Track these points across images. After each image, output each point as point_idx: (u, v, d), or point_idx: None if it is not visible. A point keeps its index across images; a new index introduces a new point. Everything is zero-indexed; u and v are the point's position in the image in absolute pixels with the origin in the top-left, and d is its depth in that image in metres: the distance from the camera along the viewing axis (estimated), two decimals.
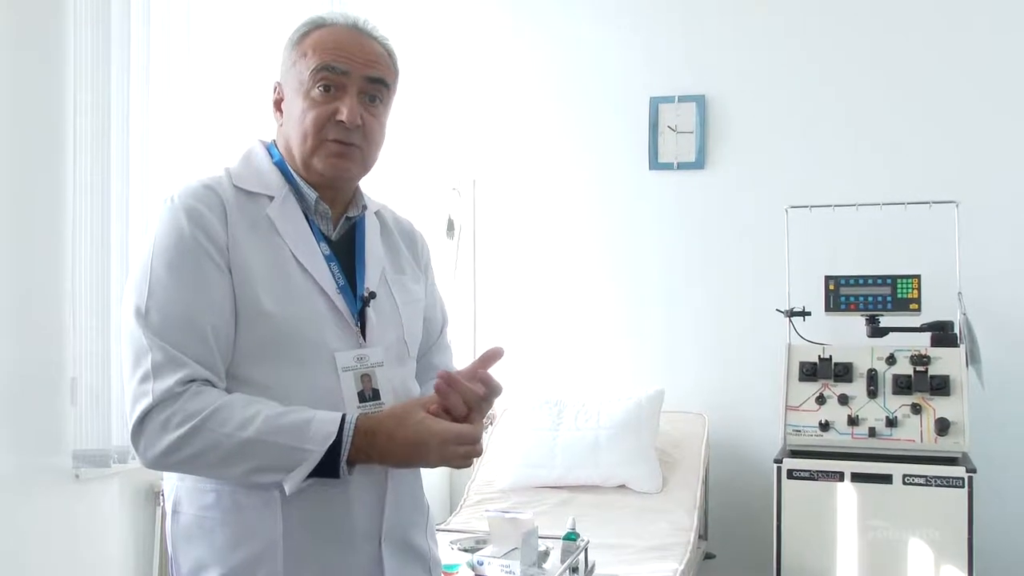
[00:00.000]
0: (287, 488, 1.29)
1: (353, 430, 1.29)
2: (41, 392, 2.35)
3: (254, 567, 1.34)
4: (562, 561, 2.57)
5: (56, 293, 2.38)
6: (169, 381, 1.28)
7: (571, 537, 2.64)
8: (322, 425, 1.29)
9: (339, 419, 1.30)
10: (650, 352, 3.93)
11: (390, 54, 1.50)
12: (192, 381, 1.30)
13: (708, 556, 3.52)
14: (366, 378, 1.40)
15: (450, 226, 4.02)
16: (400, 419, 1.32)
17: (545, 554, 2.57)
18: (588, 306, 4.03)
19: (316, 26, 1.46)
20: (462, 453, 1.32)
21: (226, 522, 1.35)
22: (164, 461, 1.30)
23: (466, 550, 2.70)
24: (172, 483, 1.42)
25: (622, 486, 3.48)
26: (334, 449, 1.28)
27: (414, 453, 1.31)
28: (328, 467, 1.29)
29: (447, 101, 4.16)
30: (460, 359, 1.71)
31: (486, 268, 4.11)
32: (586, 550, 2.68)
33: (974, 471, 2.92)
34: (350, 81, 1.41)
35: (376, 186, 1.63)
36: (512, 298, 4.09)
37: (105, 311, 2.44)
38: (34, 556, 2.31)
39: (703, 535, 3.53)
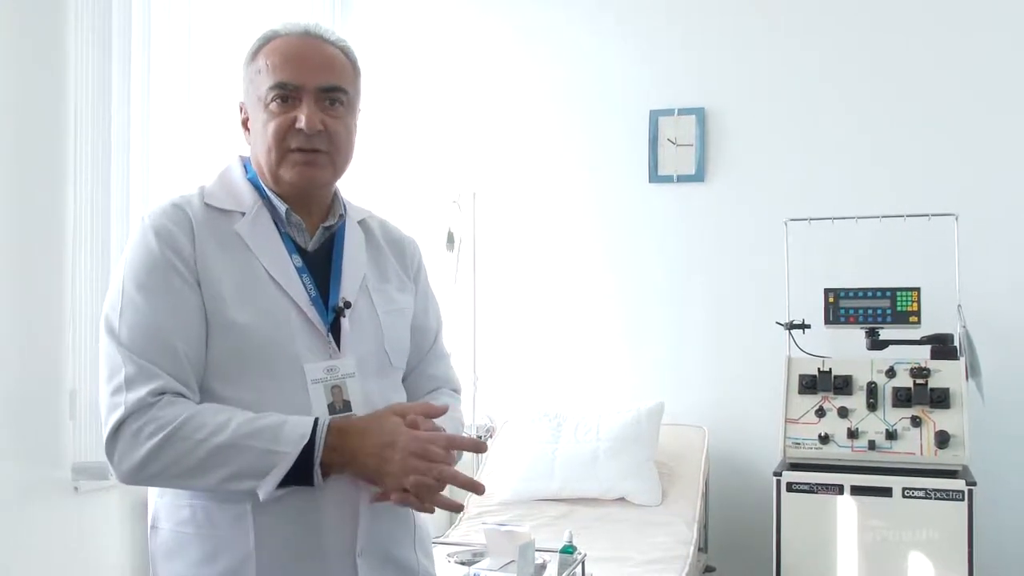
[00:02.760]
0: (261, 494, 1.29)
1: (326, 430, 1.30)
2: (40, 405, 2.36)
3: None
4: (559, 574, 2.57)
5: (55, 307, 2.39)
6: (141, 392, 1.30)
7: (568, 550, 2.63)
8: (295, 427, 1.30)
9: (312, 421, 1.31)
10: (650, 365, 3.93)
11: (346, 54, 1.50)
12: (163, 393, 1.31)
13: (708, 569, 3.51)
14: (336, 390, 1.40)
15: (450, 239, 4.03)
16: (372, 421, 1.33)
17: (542, 567, 2.57)
18: (588, 319, 4.03)
19: (267, 39, 1.47)
20: (423, 468, 1.30)
21: (200, 536, 1.36)
22: (139, 474, 1.31)
23: (463, 563, 2.70)
24: (153, 499, 1.44)
25: (621, 499, 3.48)
26: (307, 453, 1.28)
27: (381, 455, 1.30)
28: (302, 474, 1.29)
29: (447, 114, 4.17)
30: (460, 371, 1.72)
31: (486, 281, 4.11)
32: (583, 563, 2.68)
33: (974, 484, 2.91)
34: (304, 92, 1.42)
35: (376, 198, 1.64)
36: (512, 311, 4.10)
37: None
38: (33, 568, 2.32)
39: (703, 548, 3.52)
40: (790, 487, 3.07)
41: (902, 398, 3.12)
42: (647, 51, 4.00)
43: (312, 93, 1.42)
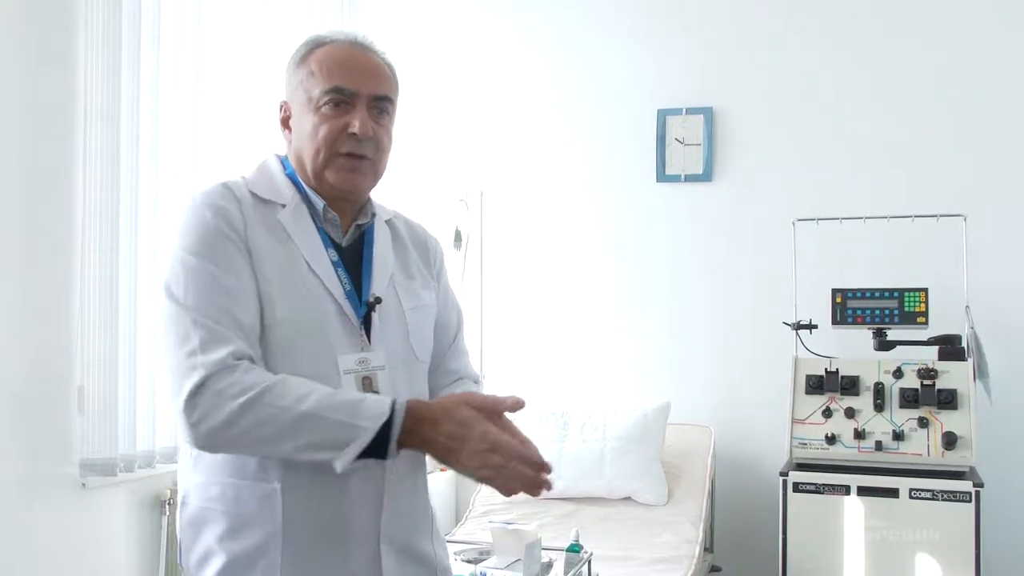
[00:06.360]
0: (338, 466, 1.31)
1: (404, 412, 1.33)
2: (48, 401, 2.37)
3: (254, 557, 1.38)
4: (565, 573, 2.57)
5: (64, 302, 2.40)
6: (220, 353, 1.32)
7: (574, 549, 2.64)
8: (375, 404, 1.33)
9: (390, 400, 1.34)
10: (656, 364, 3.93)
11: (391, 68, 1.54)
12: (242, 358, 1.33)
13: (714, 569, 3.51)
14: (367, 381, 1.43)
15: (457, 237, 4.03)
16: (446, 411, 1.35)
17: (548, 566, 2.58)
18: (595, 318, 4.03)
19: (317, 44, 1.51)
20: (496, 463, 1.32)
21: (228, 512, 1.39)
22: (221, 435, 1.31)
23: (470, 561, 2.70)
24: (184, 477, 1.46)
25: (628, 498, 3.48)
26: (385, 429, 1.31)
27: (452, 446, 1.33)
28: (376, 448, 1.31)
29: (455, 113, 4.17)
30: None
31: (493, 280, 4.12)
32: (589, 562, 2.68)
33: (981, 485, 2.90)
34: (358, 99, 1.46)
35: (384, 198, 1.65)
36: (519, 310, 4.10)
37: (112, 320, 2.46)
38: (41, 564, 2.33)
39: (708, 548, 3.52)
40: (796, 487, 3.06)
41: (909, 399, 3.11)
42: (655, 51, 4.00)
43: (366, 100, 1.47)
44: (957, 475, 2.97)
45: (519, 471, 1.33)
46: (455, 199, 4.07)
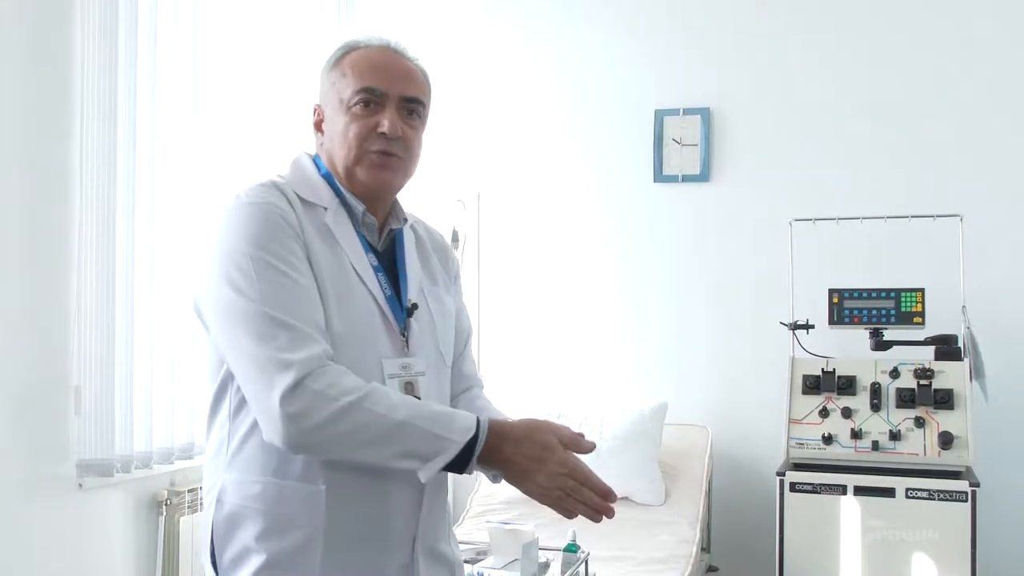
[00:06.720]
0: (423, 476, 1.33)
1: (488, 430, 1.35)
2: (45, 402, 2.38)
3: (294, 557, 1.38)
4: (562, 573, 2.58)
5: (61, 304, 2.40)
6: (311, 352, 1.31)
7: (571, 549, 2.64)
8: (463, 419, 1.35)
9: (475, 417, 1.36)
10: (653, 364, 3.93)
11: (424, 74, 1.57)
12: (330, 359, 1.33)
13: (711, 569, 3.51)
14: (409, 386, 1.45)
15: (455, 238, 4.04)
16: (529, 433, 1.38)
17: (545, 566, 2.58)
18: (592, 318, 4.03)
19: (351, 48, 1.53)
20: (570, 486, 1.36)
21: (269, 512, 1.39)
22: (318, 434, 1.30)
23: (467, 561, 2.70)
24: (218, 475, 1.44)
25: (624, 498, 3.47)
26: (470, 444, 1.33)
27: (531, 467, 1.36)
28: (458, 462, 1.33)
29: (453, 113, 4.17)
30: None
31: (490, 280, 4.12)
32: (587, 562, 2.68)
33: (977, 485, 2.90)
34: (388, 99, 1.48)
35: None
36: (516, 310, 4.10)
37: (109, 322, 2.47)
38: (38, 564, 2.33)
39: (705, 548, 3.52)
40: (793, 487, 3.06)
41: (906, 399, 3.11)
42: (652, 51, 4.00)
43: (395, 100, 1.49)
44: (953, 475, 2.97)
45: (587, 496, 1.38)
46: (453, 200, 4.07)
